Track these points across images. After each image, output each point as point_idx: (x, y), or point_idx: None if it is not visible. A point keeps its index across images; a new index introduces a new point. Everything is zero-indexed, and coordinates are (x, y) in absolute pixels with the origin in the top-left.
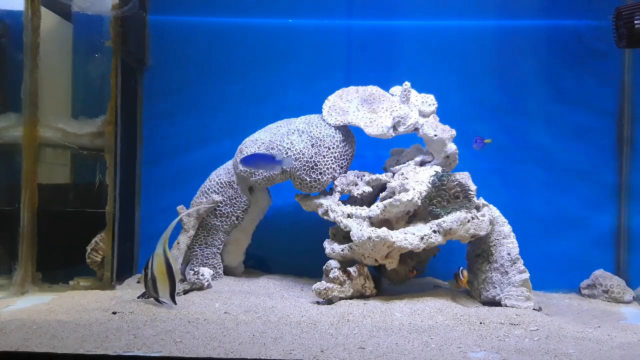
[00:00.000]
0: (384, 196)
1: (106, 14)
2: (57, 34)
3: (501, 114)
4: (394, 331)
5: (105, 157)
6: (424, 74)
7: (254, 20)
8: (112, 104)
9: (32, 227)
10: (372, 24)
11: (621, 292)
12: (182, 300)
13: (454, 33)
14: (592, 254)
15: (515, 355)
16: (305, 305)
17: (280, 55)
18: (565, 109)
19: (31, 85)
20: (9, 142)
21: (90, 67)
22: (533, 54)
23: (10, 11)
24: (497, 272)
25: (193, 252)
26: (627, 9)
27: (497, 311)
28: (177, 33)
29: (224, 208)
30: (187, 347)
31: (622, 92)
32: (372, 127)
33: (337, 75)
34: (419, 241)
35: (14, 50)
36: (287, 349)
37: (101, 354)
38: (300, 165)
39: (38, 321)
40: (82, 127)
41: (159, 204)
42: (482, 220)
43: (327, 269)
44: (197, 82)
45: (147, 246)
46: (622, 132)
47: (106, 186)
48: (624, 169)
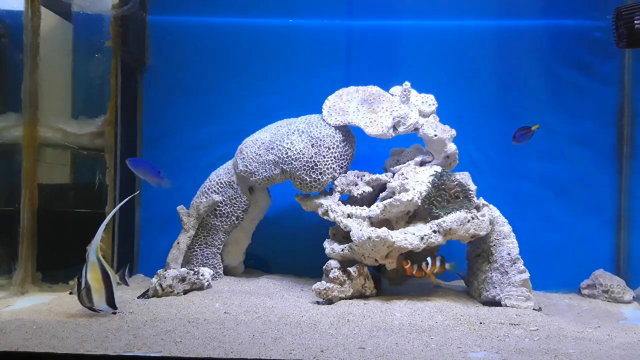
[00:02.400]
0: (384, 196)
1: (106, 13)
2: (57, 34)
3: (501, 114)
4: (394, 331)
5: (105, 157)
6: (424, 74)
7: (254, 20)
8: (112, 104)
9: (32, 227)
10: (372, 24)
11: (621, 292)
12: (182, 300)
13: (454, 33)
14: (592, 254)
15: (515, 355)
16: (305, 305)
17: (280, 55)
18: (565, 110)
19: (31, 85)
20: (9, 142)
21: (90, 67)
22: (533, 53)
23: (10, 11)
24: (497, 272)
25: (193, 252)
26: (627, 9)
27: (497, 311)
28: (177, 33)
29: (224, 208)
30: (187, 347)
31: (622, 92)
32: (372, 127)
33: (337, 76)
34: (419, 241)
35: (14, 50)
36: (287, 349)
37: (101, 354)
38: (300, 165)
39: (38, 321)
40: (82, 127)
41: (159, 204)
42: (482, 220)
43: (327, 269)
44: (197, 82)
45: (147, 246)
46: (622, 132)
47: (106, 186)
48: (624, 169)
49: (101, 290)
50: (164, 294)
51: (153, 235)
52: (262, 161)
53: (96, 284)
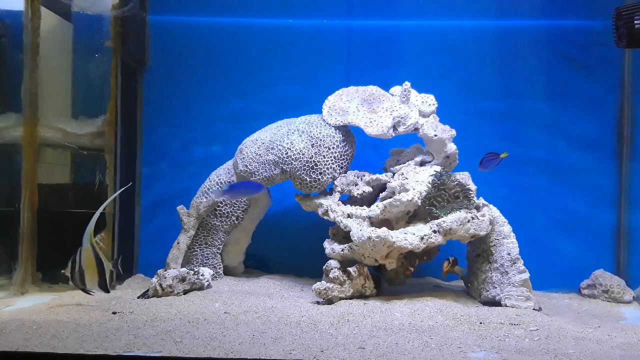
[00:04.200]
0: (384, 196)
1: (106, 14)
2: (57, 34)
3: (501, 114)
4: (394, 331)
5: (105, 157)
6: (423, 74)
7: (254, 20)
8: (112, 104)
9: (32, 227)
10: (372, 24)
11: (621, 292)
12: (182, 300)
13: (454, 33)
14: (592, 254)
15: (515, 355)
16: (305, 305)
17: (280, 55)
18: (565, 110)
19: (31, 85)
20: (9, 142)
21: (90, 67)
22: (533, 53)
23: (10, 11)
24: (497, 272)
25: (193, 252)
26: (627, 9)
27: (497, 311)
28: (177, 33)
29: (224, 208)
30: (187, 347)
31: (622, 93)
32: (372, 127)
33: (337, 75)
34: (419, 241)
35: (14, 50)
36: (287, 349)
37: (101, 354)
38: (300, 165)
39: (38, 321)
40: (82, 127)
41: (159, 204)
42: (482, 220)
43: (327, 269)
44: (197, 82)
45: (147, 246)
46: (622, 132)
47: (106, 186)
48: (624, 169)
49: (94, 274)
50: (164, 294)
51: (153, 235)
52: (262, 161)
53: (90, 269)
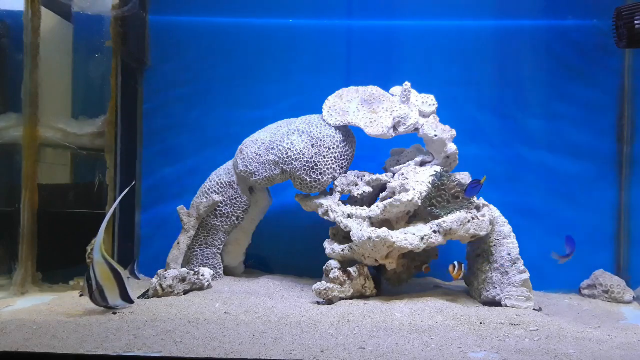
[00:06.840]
0: (384, 196)
1: (106, 14)
2: (57, 34)
3: (501, 113)
4: (394, 331)
5: (105, 157)
6: (423, 74)
7: (254, 21)
8: (112, 104)
9: (32, 227)
10: (372, 24)
11: (621, 292)
12: (182, 300)
13: (454, 33)
14: (592, 254)
15: (515, 355)
16: (305, 305)
17: (280, 55)
18: (565, 110)
19: (31, 85)
20: (9, 142)
21: (90, 67)
22: (533, 52)
23: (10, 11)
24: (497, 272)
25: (193, 252)
26: (627, 9)
27: (497, 311)
28: (177, 33)
29: (224, 208)
30: (187, 347)
31: (621, 93)
32: (372, 127)
33: (337, 76)
34: (419, 241)
35: (14, 50)
36: (287, 349)
37: (101, 354)
38: (300, 165)
39: (38, 321)
40: (82, 127)
41: (159, 204)
42: (482, 220)
43: (327, 269)
44: (197, 82)
45: (147, 246)
46: (622, 132)
47: (106, 186)
48: (624, 169)
49: (114, 287)
50: (164, 294)
51: (153, 235)
52: (262, 161)
53: (107, 282)
